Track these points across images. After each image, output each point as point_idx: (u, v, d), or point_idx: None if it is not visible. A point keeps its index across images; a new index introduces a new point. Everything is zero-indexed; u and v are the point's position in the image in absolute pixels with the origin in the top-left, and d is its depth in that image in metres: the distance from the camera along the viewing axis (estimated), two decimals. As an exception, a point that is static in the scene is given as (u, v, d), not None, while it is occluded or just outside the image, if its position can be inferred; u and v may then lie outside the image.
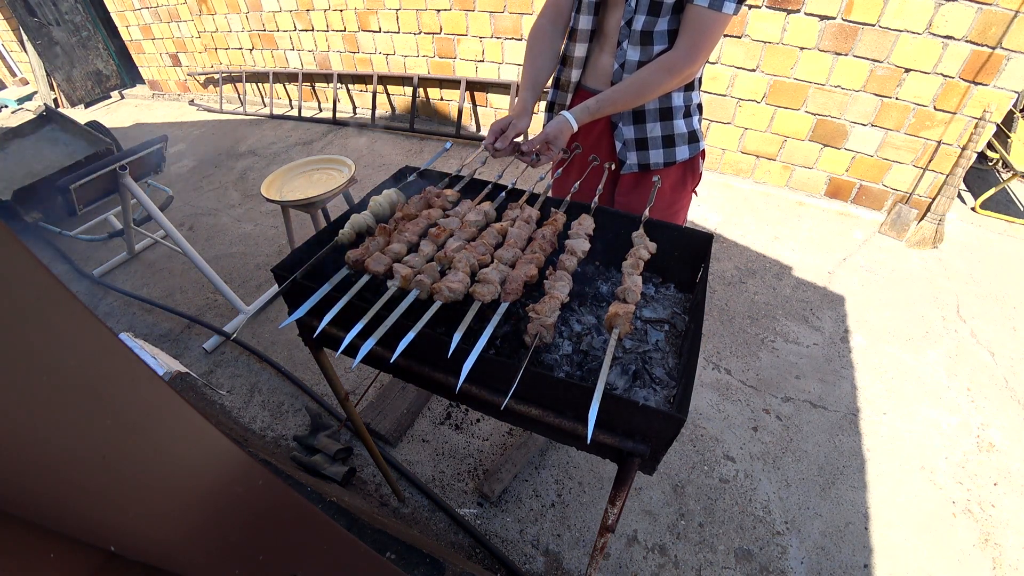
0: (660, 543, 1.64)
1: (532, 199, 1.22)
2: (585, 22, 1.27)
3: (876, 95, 2.78)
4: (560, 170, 1.36)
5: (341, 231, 1.08)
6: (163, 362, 2.15)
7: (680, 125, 1.34)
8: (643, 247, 1.05)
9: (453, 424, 2.01)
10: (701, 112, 1.39)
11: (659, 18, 1.15)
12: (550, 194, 1.25)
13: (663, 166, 1.38)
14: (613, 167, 1.33)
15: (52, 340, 0.33)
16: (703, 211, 3.18)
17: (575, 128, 1.23)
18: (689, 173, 1.42)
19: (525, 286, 0.97)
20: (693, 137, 1.37)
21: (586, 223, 1.11)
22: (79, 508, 0.38)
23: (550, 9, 1.35)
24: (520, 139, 1.32)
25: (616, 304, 0.90)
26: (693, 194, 1.49)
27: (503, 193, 1.23)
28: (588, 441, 0.76)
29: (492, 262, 1.01)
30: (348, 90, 4.95)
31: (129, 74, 6.99)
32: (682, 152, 1.37)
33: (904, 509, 1.70)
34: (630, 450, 0.79)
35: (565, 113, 1.23)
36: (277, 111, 5.33)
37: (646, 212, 1.13)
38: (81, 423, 0.36)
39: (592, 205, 1.17)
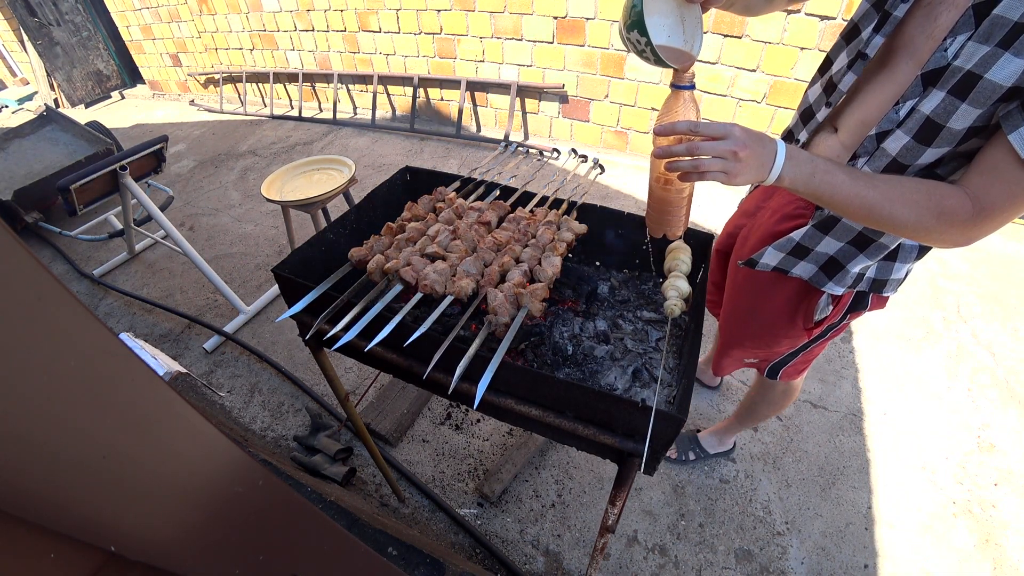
0: (660, 543, 1.64)
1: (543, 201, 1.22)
2: (847, 82, 0.89)
3: (876, 95, 2.77)
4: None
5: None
6: (163, 362, 2.15)
7: (869, 269, 0.94)
8: (567, 230, 1.07)
9: (453, 424, 2.01)
10: (918, 258, 0.91)
11: (928, 148, 0.75)
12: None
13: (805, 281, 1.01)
14: None
15: (52, 340, 0.33)
16: (704, 211, 3.18)
17: (771, 180, 0.75)
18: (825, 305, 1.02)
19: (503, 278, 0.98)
20: (878, 285, 0.96)
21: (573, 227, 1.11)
22: (79, 508, 0.38)
23: None
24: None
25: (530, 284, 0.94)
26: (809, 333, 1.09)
27: (495, 191, 1.24)
28: (475, 406, 0.80)
29: (473, 253, 1.02)
30: (348, 90, 4.95)
31: (129, 74, 6.99)
32: (838, 287, 0.96)
33: (904, 509, 1.70)
34: (630, 450, 0.79)
35: (779, 143, 0.75)
36: (277, 111, 5.33)
37: (579, 199, 1.11)
38: (81, 423, 0.36)
39: (576, 201, 1.16)
